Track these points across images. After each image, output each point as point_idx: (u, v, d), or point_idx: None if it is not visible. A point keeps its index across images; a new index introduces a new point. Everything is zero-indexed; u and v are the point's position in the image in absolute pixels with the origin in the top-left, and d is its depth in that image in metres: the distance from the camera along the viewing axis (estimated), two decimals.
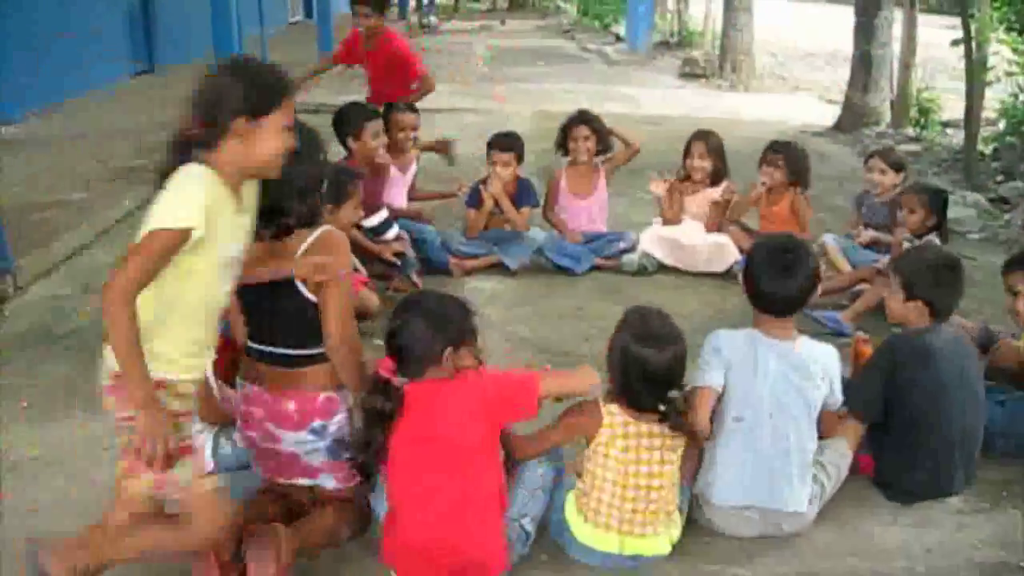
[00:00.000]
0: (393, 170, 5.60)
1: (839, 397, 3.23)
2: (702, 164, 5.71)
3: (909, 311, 3.48)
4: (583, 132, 5.79)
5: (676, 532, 3.01)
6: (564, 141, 5.88)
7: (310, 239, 2.80)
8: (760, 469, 3.06)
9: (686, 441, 2.98)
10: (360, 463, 2.84)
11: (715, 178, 5.75)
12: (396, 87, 6.47)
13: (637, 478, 2.88)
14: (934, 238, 4.82)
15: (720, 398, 3.11)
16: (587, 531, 2.94)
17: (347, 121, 5.23)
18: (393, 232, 5.17)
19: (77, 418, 3.80)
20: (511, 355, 4.42)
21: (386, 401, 2.72)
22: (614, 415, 2.90)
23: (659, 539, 2.95)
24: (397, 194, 5.74)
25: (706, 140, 5.75)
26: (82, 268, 5.58)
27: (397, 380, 2.76)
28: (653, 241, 5.70)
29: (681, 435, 2.94)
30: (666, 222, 5.81)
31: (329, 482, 2.97)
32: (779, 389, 3.07)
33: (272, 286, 2.81)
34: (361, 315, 4.32)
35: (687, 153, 5.78)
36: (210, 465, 3.24)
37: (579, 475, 3.00)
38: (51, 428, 3.75)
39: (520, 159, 5.72)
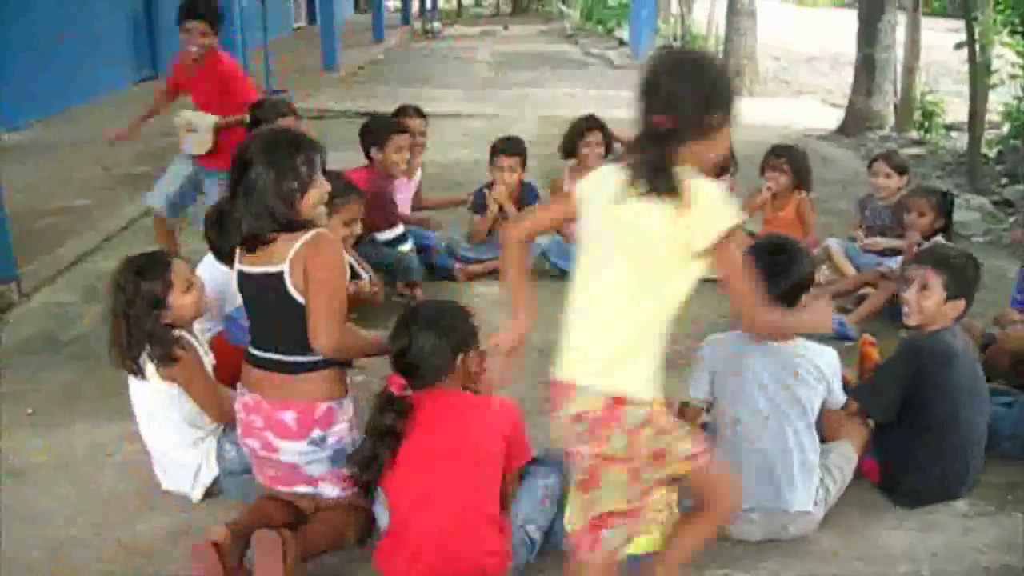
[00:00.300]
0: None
1: (840, 397, 3.21)
2: None
3: (948, 310, 3.39)
4: (596, 138, 5.78)
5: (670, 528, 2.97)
6: (573, 146, 5.86)
7: (301, 240, 2.79)
8: (762, 470, 3.05)
9: None
10: (363, 481, 2.81)
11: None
12: (232, 114, 5.22)
13: None
14: (940, 240, 4.82)
15: (715, 403, 3.12)
16: None
17: (374, 132, 5.24)
18: (408, 245, 5.18)
19: (81, 424, 3.82)
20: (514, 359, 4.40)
21: (397, 418, 2.72)
22: None
23: (651, 538, 2.91)
24: (401, 201, 5.74)
25: None
26: (86, 275, 5.59)
27: (410, 396, 2.77)
28: None
29: None
30: None
31: (330, 490, 2.97)
32: (772, 389, 3.06)
33: (265, 281, 2.81)
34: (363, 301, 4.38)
35: None
36: (214, 470, 3.26)
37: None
38: (55, 434, 3.75)
39: (524, 164, 5.71)
